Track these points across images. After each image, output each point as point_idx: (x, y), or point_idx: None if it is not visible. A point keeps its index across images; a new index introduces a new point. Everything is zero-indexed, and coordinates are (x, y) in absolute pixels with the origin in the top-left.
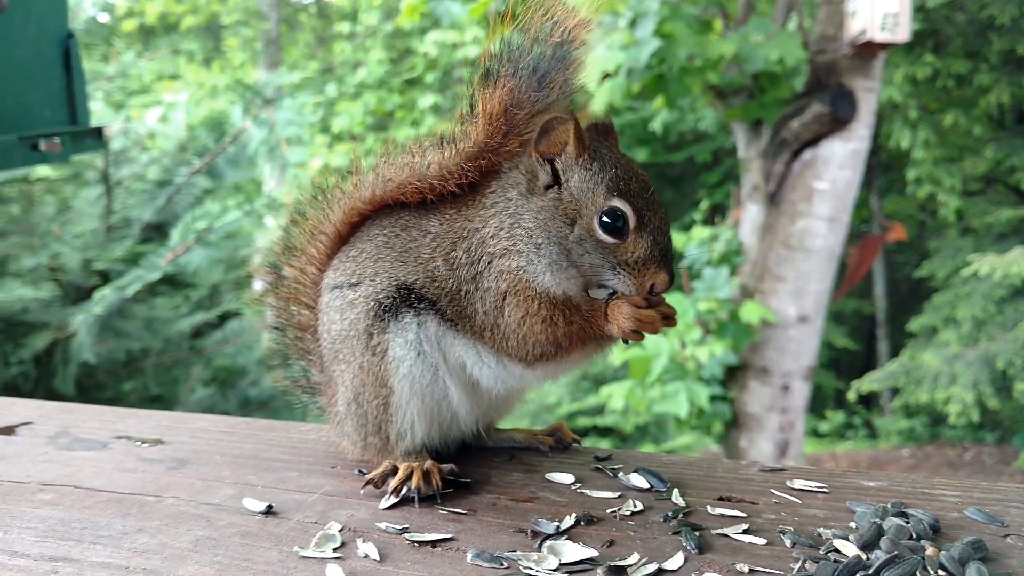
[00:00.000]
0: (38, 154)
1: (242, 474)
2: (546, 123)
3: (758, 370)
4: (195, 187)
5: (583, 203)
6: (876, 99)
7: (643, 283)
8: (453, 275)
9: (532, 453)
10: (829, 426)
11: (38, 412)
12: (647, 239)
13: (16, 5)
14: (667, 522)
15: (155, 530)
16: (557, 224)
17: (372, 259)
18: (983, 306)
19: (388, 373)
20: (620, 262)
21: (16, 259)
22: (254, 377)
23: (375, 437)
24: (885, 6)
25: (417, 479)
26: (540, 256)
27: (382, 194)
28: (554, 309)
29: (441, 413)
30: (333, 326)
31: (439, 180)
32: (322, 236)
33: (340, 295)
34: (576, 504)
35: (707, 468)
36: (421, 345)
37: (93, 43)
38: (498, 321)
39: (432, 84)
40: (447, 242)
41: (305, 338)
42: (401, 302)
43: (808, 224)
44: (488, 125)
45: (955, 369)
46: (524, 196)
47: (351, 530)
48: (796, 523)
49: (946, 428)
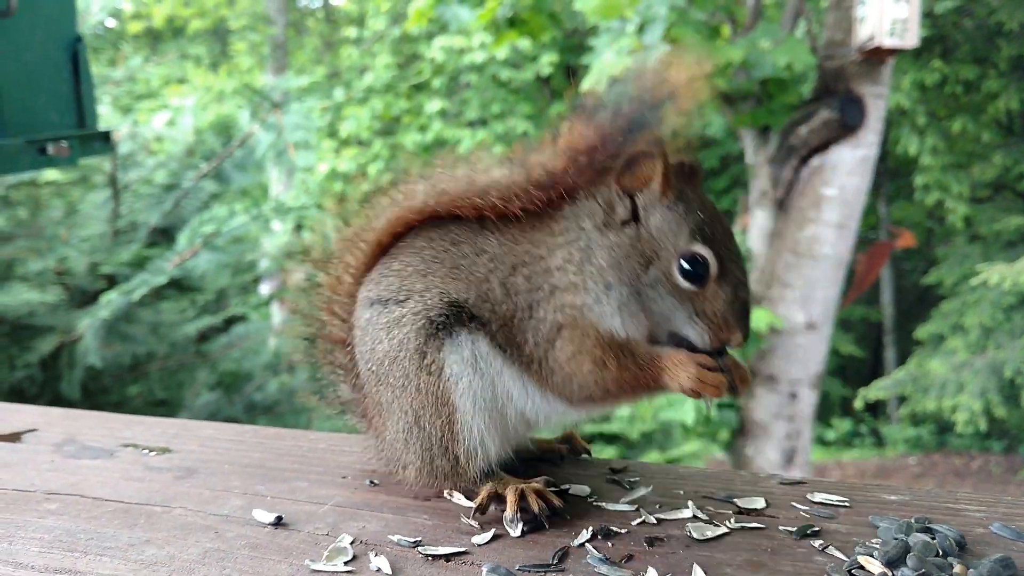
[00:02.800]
0: (45, 157)
1: (251, 484)
2: (632, 156)
3: (765, 377)
4: (202, 191)
5: (663, 245)
6: (885, 105)
7: (719, 336)
8: (509, 300)
9: (545, 463)
10: (835, 434)
11: (43, 419)
12: (727, 290)
13: (25, 9)
14: (686, 536)
15: (163, 541)
16: (631, 264)
17: (420, 274)
18: (991, 314)
19: (448, 390)
20: (697, 311)
21: (23, 262)
22: (260, 382)
23: (442, 459)
24: (894, 12)
25: (535, 500)
26: (610, 298)
27: (434, 205)
28: (608, 351)
29: (506, 428)
30: (379, 346)
31: (501, 200)
32: (362, 244)
33: (385, 312)
34: (592, 517)
35: (725, 481)
36: (477, 363)
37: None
38: (547, 354)
39: (439, 89)
40: (506, 266)
41: (337, 351)
42: (454, 320)
43: (816, 231)
44: (567, 158)
45: (963, 377)
46: (599, 229)
47: (363, 543)
48: (818, 538)
49: (953, 437)
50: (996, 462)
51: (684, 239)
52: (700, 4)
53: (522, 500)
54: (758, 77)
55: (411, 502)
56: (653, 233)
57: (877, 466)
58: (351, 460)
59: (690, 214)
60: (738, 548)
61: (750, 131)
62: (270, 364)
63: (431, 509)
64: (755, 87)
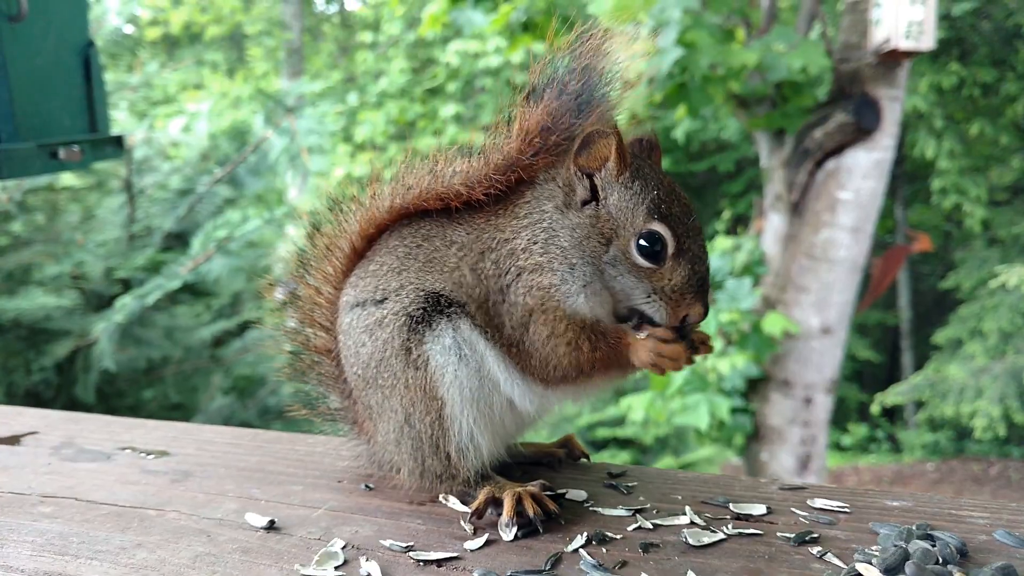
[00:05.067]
0: (57, 162)
1: (246, 487)
2: (587, 136)
3: (780, 382)
4: (217, 196)
5: (621, 223)
6: (900, 108)
7: (677, 313)
8: (480, 285)
9: (543, 468)
10: (852, 439)
11: (44, 422)
12: (685, 267)
13: (37, 14)
14: (681, 542)
15: (154, 545)
16: (592, 243)
17: (395, 272)
18: (1010, 318)
19: (435, 384)
20: (655, 289)
21: (40, 267)
22: (273, 386)
23: (433, 459)
24: (910, 14)
25: (530, 504)
26: (574, 277)
27: (402, 202)
28: (580, 333)
29: (494, 421)
30: (362, 348)
31: (465, 187)
32: (337, 251)
33: (364, 314)
34: (588, 522)
35: (724, 486)
36: (460, 348)
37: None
38: (523, 338)
39: (454, 93)
40: (474, 252)
41: (323, 362)
42: (432, 310)
43: (831, 234)
44: (521, 141)
45: (981, 382)
46: (560, 210)
47: (354, 547)
48: (816, 545)
49: (971, 442)
50: (1015, 468)
51: (641, 217)
52: (714, 7)
53: (518, 504)
54: (773, 80)
55: (405, 507)
56: (612, 211)
57: (894, 472)
58: (347, 464)
59: (647, 192)
60: (734, 555)
61: (765, 134)
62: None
63: (425, 514)
64: (770, 90)
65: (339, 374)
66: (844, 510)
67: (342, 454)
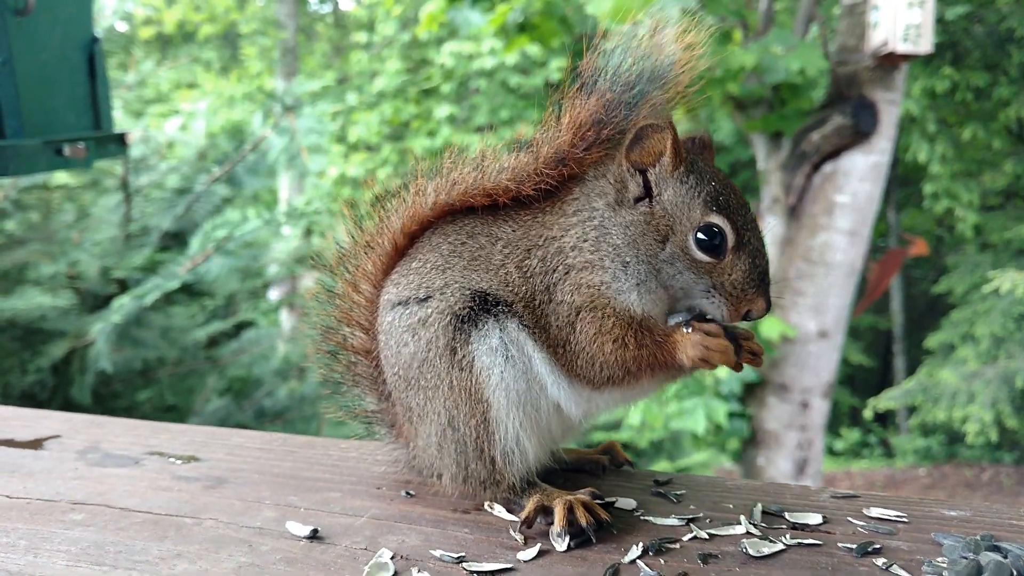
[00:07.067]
0: (62, 159)
1: (283, 494)
2: (640, 130)
3: (777, 386)
4: (214, 195)
5: (677, 219)
6: (898, 111)
7: (739, 308)
8: (527, 283)
9: (585, 475)
10: (844, 444)
11: (66, 425)
12: (745, 261)
13: (42, 9)
14: (741, 552)
15: (194, 555)
16: (648, 241)
17: (439, 270)
18: (1002, 323)
19: (481, 385)
20: (715, 284)
21: (35, 266)
22: (269, 388)
23: (477, 464)
24: (908, 17)
25: (583, 513)
26: (627, 275)
27: (447, 199)
28: (628, 330)
29: (541, 426)
30: (404, 348)
31: (513, 183)
32: (378, 249)
33: (407, 313)
34: (641, 532)
35: (775, 494)
36: (507, 349)
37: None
38: (569, 337)
39: (448, 94)
40: (520, 250)
41: (360, 363)
42: (479, 310)
43: (828, 238)
44: (573, 134)
45: (973, 387)
46: (611, 207)
47: (404, 558)
48: (880, 556)
49: (963, 447)
50: (1007, 473)
51: (699, 211)
52: (712, 8)
53: (570, 513)
54: (770, 82)
55: (450, 515)
56: (667, 208)
57: (887, 476)
58: (384, 470)
59: (703, 185)
60: (797, 566)
61: (762, 137)
62: (280, 370)
63: (471, 522)
64: (767, 92)
65: (377, 375)
66: (902, 520)
67: (377, 459)
